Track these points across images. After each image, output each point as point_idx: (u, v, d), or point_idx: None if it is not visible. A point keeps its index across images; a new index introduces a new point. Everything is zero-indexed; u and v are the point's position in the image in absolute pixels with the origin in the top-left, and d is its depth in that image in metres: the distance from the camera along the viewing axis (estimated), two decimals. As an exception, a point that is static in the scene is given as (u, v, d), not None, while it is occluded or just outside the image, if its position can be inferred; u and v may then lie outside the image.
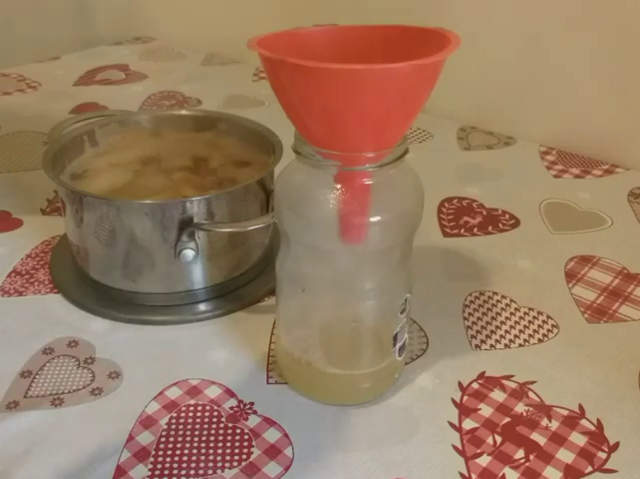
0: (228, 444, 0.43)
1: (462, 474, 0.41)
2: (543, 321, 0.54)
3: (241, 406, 0.46)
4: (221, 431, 0.44)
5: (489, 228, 0.67)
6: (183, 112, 0.66)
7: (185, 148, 0.62)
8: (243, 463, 0.42)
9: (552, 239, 0.65)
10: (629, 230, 0.67)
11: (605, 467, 0.42)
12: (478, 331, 0.53)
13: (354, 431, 0.44)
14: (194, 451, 0.42)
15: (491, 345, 0.51)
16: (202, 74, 1.06)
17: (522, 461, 0.42)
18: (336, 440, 0.43)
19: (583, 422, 0.45)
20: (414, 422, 0.45)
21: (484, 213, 0.69)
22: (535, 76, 0.83)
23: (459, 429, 0.44)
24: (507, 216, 0.69)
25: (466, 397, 0.47)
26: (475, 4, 0.84)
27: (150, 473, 0.41)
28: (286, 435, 0.44)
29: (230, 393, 0.47)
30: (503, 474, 0.41)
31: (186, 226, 0.50)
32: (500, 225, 0.67)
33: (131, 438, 0.43)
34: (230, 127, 0.63)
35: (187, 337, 0.52)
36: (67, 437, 0.43)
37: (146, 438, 0.43)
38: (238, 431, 0.44)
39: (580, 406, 0.46)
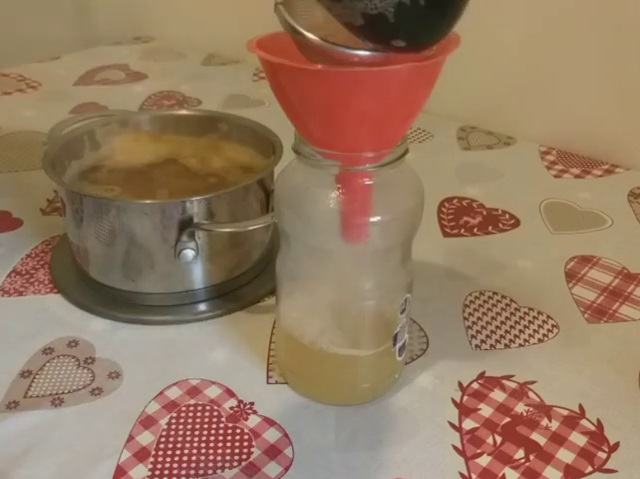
0: (228, 444, 0.43)
1: (462, 474, 0.41)
2: (543, 321, 0.54)
3: (241, 406, 0.46)
4: (221, 431, 0.44)
5: (489, 228, 0.67)
6: (184, 112, 0.66)
7: (186, 149, 0.62)
8: (243, 463, 0.42)
9: (552, 238, 0.65)
10: (629, 230, 0.67)
11: (605, 467, 0.42)
12: (478, 331, 0.53)
13: (354, 431, 0.44)
14: (194, 451, 0.42)
15: (491, 345, 0.51)
16: (202, 74, 1.06)
17: (522, 461, 0.42)
18: (336, 440, 0.43)
19: (583, 422, 0.45)
20: (414, 422, 0.45)
21: (484, 213, 0.69)
22: (535, 76, 0.83)
23: (459, 429, 0.44)
24: (507, 216, 0.69)
25: (466, 397, 0.47)
26: (474, 4, 0.84)
27: (150, 473, 0.41)
28: (286, 435, 0.44)
29: (230, 393, 0.47)
30: (503, 474, 0.41)
31: (186, 226, 0.50)
32: (500, 225, 0.67)
33: (131, 438, 0.43)
34: (230, 127, 0.63)
35: (187, 337, 0.52)
36: (67, 437, 0.43)
37: (146, 438, 0.43)
38: (238, 431, 0.44)
39: (580, 406, 0.46)
